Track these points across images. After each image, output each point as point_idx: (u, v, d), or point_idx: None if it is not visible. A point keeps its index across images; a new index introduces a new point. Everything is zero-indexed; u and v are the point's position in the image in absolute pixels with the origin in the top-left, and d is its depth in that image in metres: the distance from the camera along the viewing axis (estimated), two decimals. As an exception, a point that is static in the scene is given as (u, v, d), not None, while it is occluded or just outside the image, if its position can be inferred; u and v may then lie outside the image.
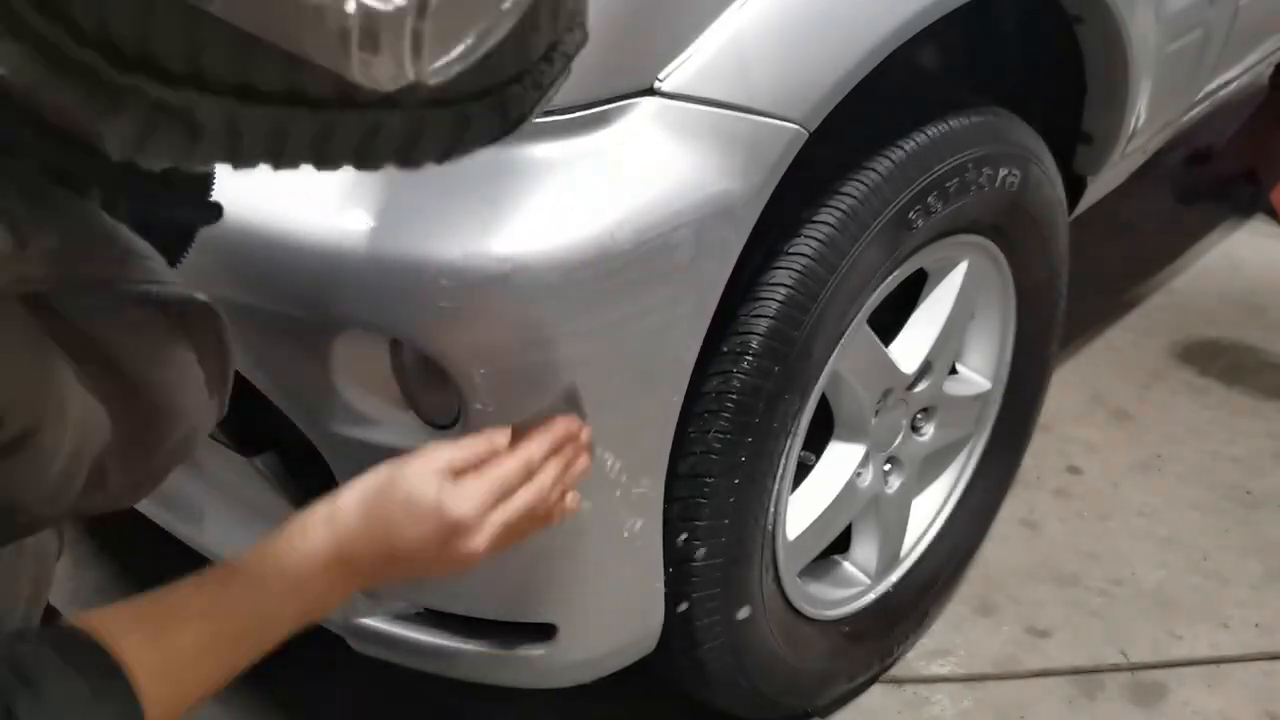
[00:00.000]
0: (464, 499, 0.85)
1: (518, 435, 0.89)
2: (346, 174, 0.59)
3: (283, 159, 0.57)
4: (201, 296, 0.73)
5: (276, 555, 0.83)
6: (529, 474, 0.87)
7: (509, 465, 0.87)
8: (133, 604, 0.77)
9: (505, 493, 0.86)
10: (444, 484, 0.84)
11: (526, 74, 0.60)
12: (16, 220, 0.59)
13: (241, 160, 0.57)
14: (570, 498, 0.91)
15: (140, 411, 0.70)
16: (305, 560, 0.83)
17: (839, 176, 1.13)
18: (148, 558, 0.93)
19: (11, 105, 0.56)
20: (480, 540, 0.85)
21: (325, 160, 0.58)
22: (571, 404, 0.91)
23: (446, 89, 0.56)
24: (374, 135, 0.58)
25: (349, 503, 0.84)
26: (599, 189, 0.94)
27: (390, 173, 0.98)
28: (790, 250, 1.10)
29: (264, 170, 0.58)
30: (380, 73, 0.52)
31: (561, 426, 0.89)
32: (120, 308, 0.68)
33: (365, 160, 0.59)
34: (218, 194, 0.74)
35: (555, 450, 0.89)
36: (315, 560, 0.83)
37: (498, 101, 0.60)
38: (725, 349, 1.09)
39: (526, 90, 0.61)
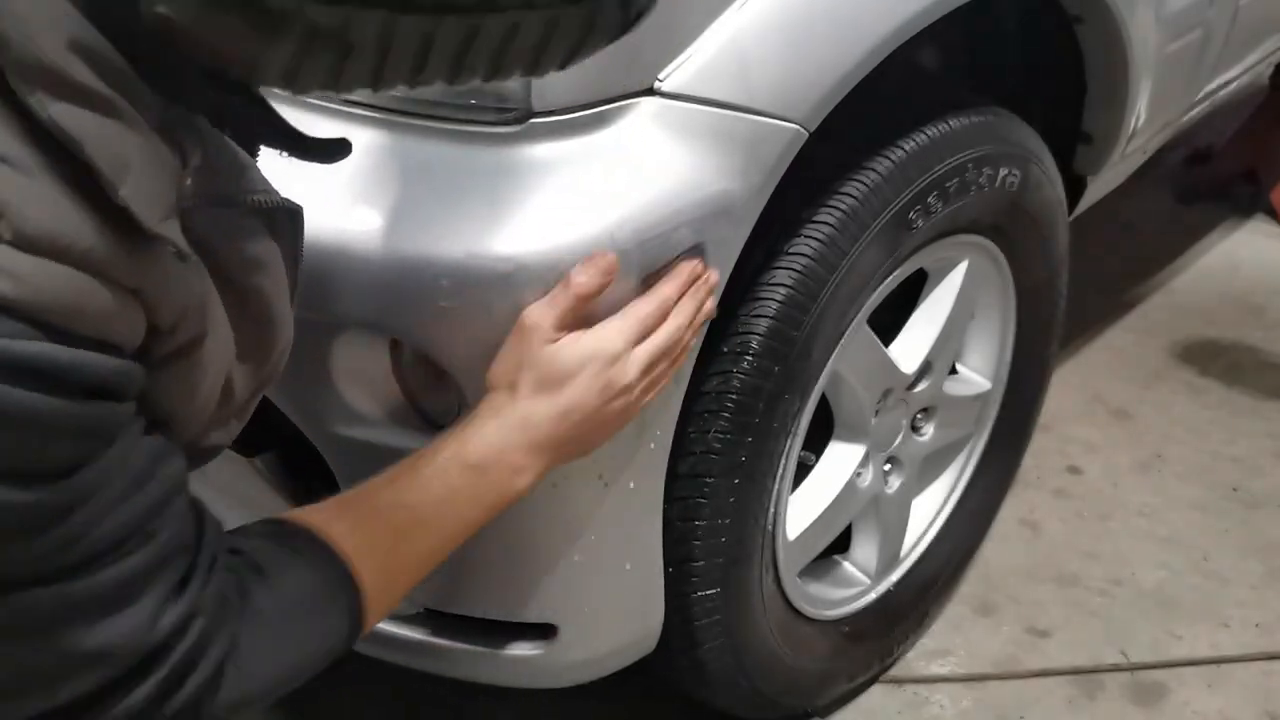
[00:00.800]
0: (611, 335, 0.91)
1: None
2: (347, 174, 0.60)
3: (424, 74, 0.61)
4: (293, 201, 0.76)
5: (459, 438, 0.88)
6: (664, 314, 0.93)
7: (646, 305, 0.92)
8: (334, 499, 0.84)
9: (645, 331, 0.92)
10: (578, 334, 0.90)
11: None
12: (181, 141, 0.63)
13: (384, 80, 0.60)
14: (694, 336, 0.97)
15: (252, 319, 0.74)
16: (492, 443, 0.88)
17: (839, 176, 1.13)
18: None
19: (169, 47, 0.58)
20: (632, 373, 0.91)
21: (461, 72, 0.62)
22: (696, 252, 0.96)
23: None
24: (511, 38, 0.61)
25: (514, 387, 0.89)
26: (599, 189, 0.94)
27: (390, 173, 0.98)
28: (790, 250, 1.10)
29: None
30: None
31: (689, 268, 0.95)
32: (234, 218, 0.71)
33: (498, 69, 0.63)
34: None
35: (684, 291, 0.94)
36: (501, 442, 0.88)
37: None
38: (725, 349, 1.09)
39: None
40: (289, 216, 0.78)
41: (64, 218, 0.56)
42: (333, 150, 0.74)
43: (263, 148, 0.76)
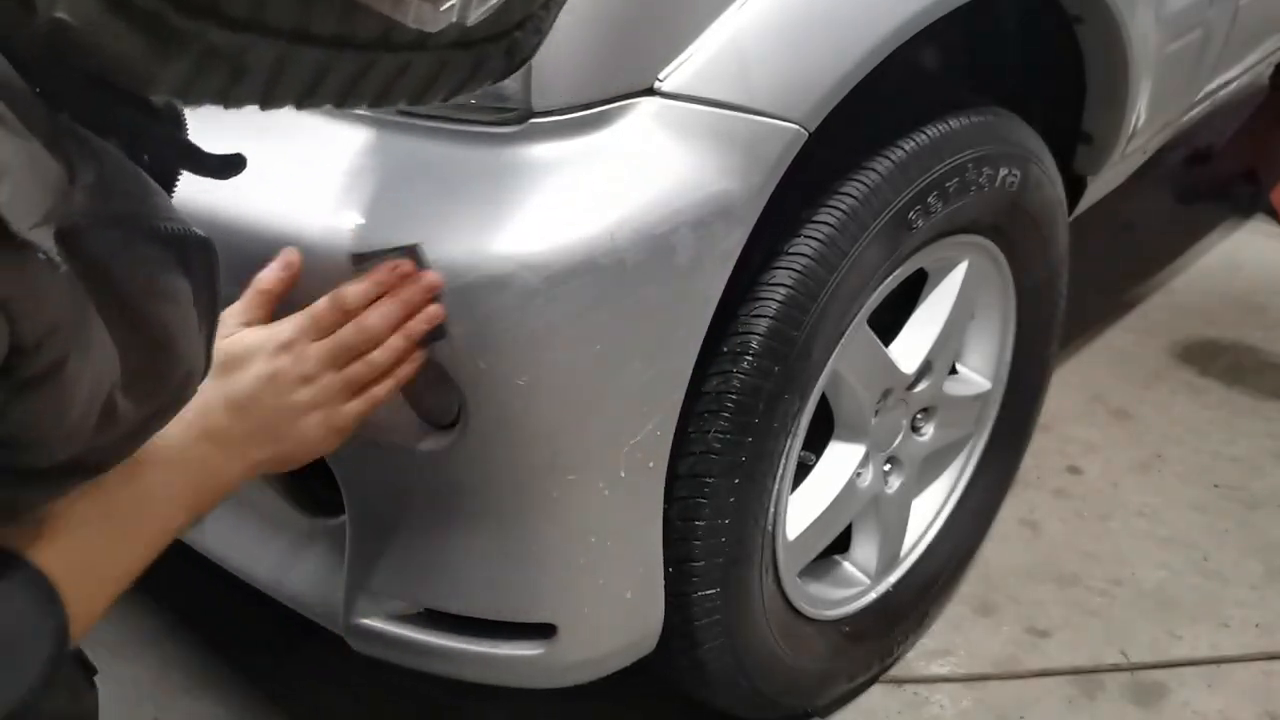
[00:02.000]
0: (281, 326, 0.90)
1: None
2: (346, 174, 0.60)
3: (313, 99, 0.61)
4: (201, 232, 0.75)
5: (150, 445, 0.84)
6: (342, 312, 0.90)
7: (321, 302, 0.90)
8: (32, 520, 0.79)
9: (320, 327, 0.90)
10: (242, 330, 0.90)
11: (530, 19, 0.66)
12: (69, 155, 0.61)
13: (273, 101, 0.61)
14: (414, 352, 0.93)
15: (146, 345, 0.72)
16: (171, 439, 0.85)
17: (839, 176, 1.13)
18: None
19: (61, 55, 0.58)
20: (308, 365, 0.89)
21: (349, 99, 0.63)
22: (405, 253, 0.91)
23: (470, 32, 0.62)
24: (401, 75, 0.63)
25: (205, 384, 0.86)
26: (599, 189, 0.94)
27: (390, 173, 0.98)
28: (790, 250, 1.10)
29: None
30: (430, 15, 0.57)
31: (385, 268, 0.91)
32: (134, 243, 0.70)
33: (384, 99, 0.64)
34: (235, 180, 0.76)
35: (376, 292, 0.91)
36: (179, 436, 0.85)
37: (507, 45, 0.66)
38: (725, 349, 1.09)
39: (528, 35, 0.67)
40: (200, 248, 0.75)
41: None
42: (227, 165, 0.72)
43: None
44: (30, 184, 0.57)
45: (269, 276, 0.92)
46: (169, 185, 0.74)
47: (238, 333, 0.90)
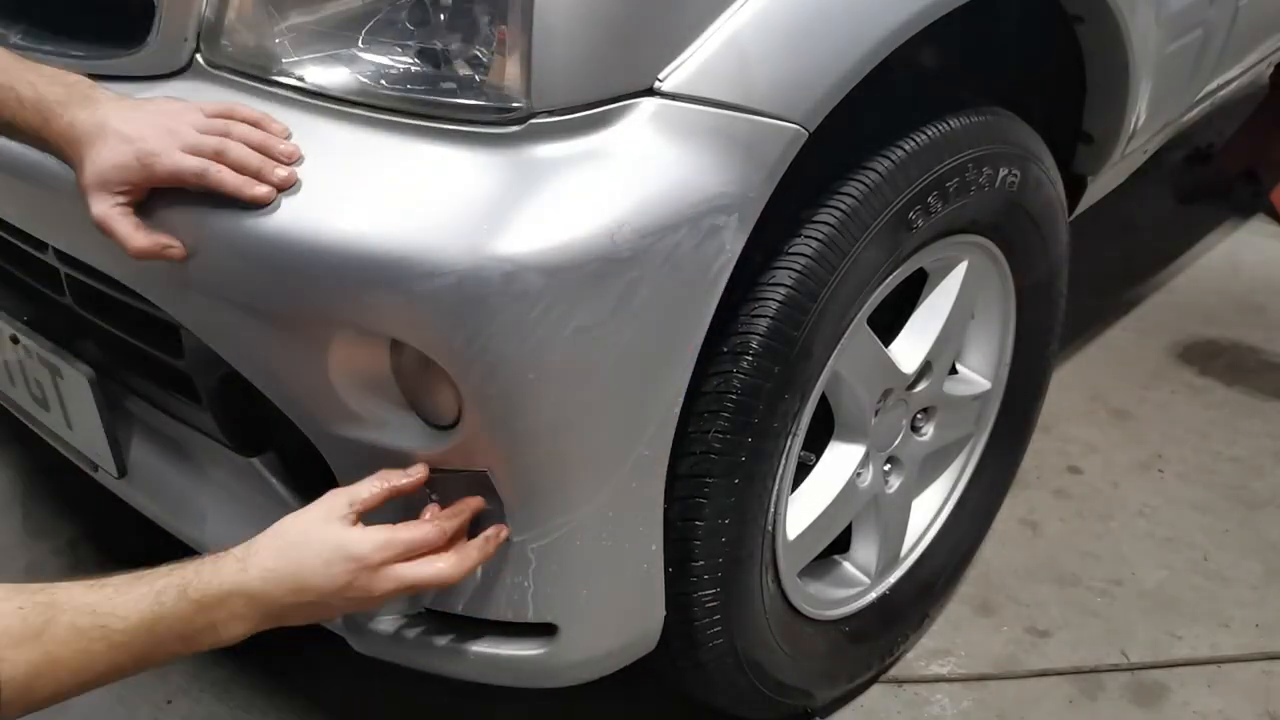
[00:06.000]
0: (365, 540, 0.94)
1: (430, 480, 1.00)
2: (346, 175, 0.60)
3: None
4: None
5: (183, 574, 0.89)
6: (428, 546, 0.97)
7: (413, 532, 0.97)
8: (33, 586, 0.83)
9: (403, 554, 0.96)
10: (348, 528, 0.95)
11: None
12: None
13: None
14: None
15: None
16: (209, 587, 0.89)
17: (839, 176, 1.13)
18: (149, 558, 0.94)
19: None
20: (379, 589, 0.95)
21: None
22: (487, 491, 1.00)
23: None
24: None
25: (263, 546, 0.93)
26: (599, 189, 0.94)
27: (391, 173, 0.98)
28: (790, 250, 1.10)
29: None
30: None
31: (472, 507, 1.00)
32: None
33: None
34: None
35: (462, 529, 1.00)
36: (219, 589, 0.89)
37: None
38: (725, 349, 1.09)
39: None
40: None
41: None
42: None
43: None
44: None
45: (378, 491, 0.98)
46: None
47: (331, 523, 0.95)
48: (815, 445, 1.34)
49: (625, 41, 0.94)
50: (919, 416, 1.45)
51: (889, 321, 1.34)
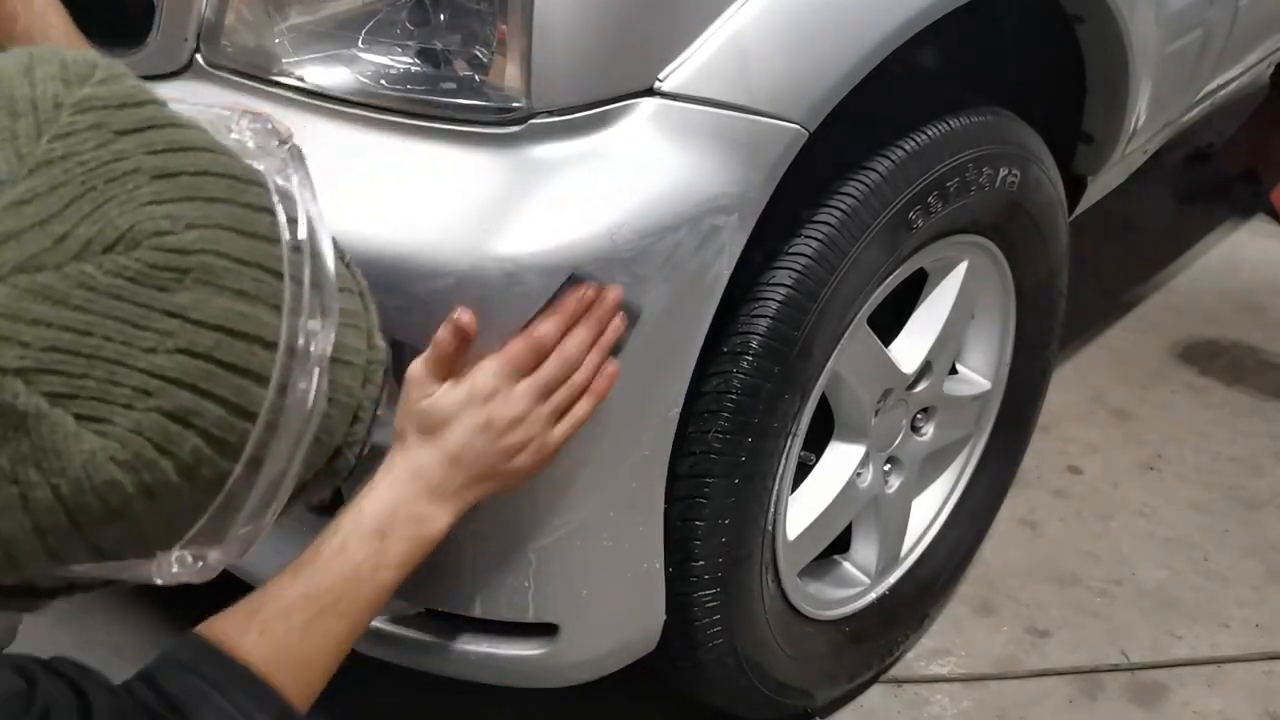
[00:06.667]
0: (481, 375, 0.91)
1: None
2: (346, 175, 0.60)
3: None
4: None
5: (355, 509, 0.89)
6: (541, 348, 0.92)
7: (518, 342, 0.92)
8: (241, 606, 0.85)
9: (520, 365, 0.92)
10: (460, 378, 0.91)
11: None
12: None
13: None
14: (609, 363, 0.95)
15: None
16: (373, 507, 0.89)
17: (839, 176, 1.13)
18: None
19: None
20: (518, 406, 0.91)
21: None
22: (579, 279, 0.93)
23: None
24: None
25: (394, 450, 0.92)
26: (599, 189, 0.94)
27: (391, 173, 0.98)
28: (790, 250, 1.10)
29: None
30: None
31: (574, 298, 0.92)
32: None
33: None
34: None
35: (569, 322, 0.93)
36: (382, 501, 0.89)
37: None
38: (725, 349, 1.09)
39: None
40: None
41: None
42: None
43: None
44: None
45: (447, 338, 0.91)
46: None
47: (437, 392, 0.92)
48: (815, 445, 1.34)
49: (625, 42, 0.94)
50: (919, 416, 1.45)
51: (889, 322, 1.34)
